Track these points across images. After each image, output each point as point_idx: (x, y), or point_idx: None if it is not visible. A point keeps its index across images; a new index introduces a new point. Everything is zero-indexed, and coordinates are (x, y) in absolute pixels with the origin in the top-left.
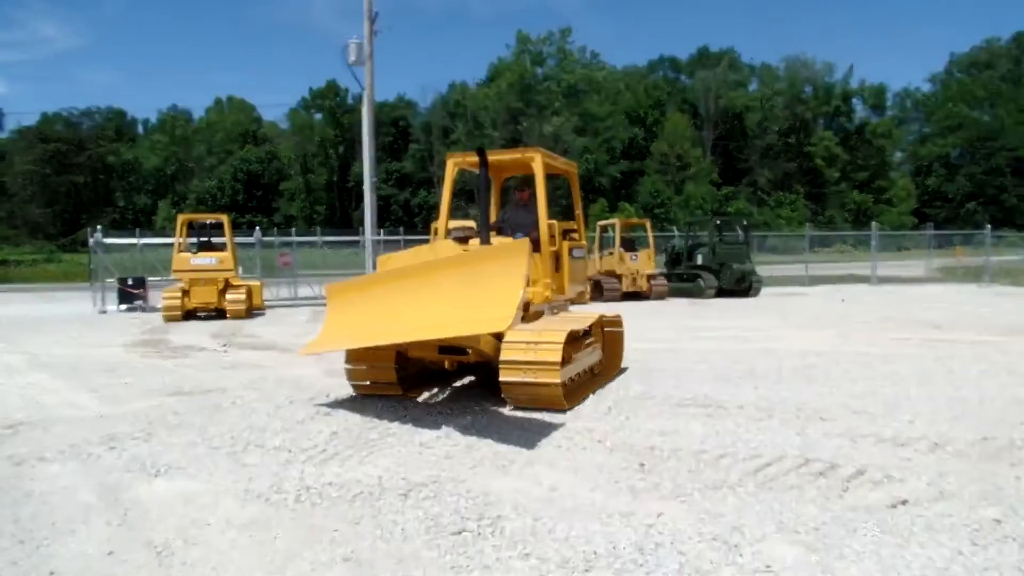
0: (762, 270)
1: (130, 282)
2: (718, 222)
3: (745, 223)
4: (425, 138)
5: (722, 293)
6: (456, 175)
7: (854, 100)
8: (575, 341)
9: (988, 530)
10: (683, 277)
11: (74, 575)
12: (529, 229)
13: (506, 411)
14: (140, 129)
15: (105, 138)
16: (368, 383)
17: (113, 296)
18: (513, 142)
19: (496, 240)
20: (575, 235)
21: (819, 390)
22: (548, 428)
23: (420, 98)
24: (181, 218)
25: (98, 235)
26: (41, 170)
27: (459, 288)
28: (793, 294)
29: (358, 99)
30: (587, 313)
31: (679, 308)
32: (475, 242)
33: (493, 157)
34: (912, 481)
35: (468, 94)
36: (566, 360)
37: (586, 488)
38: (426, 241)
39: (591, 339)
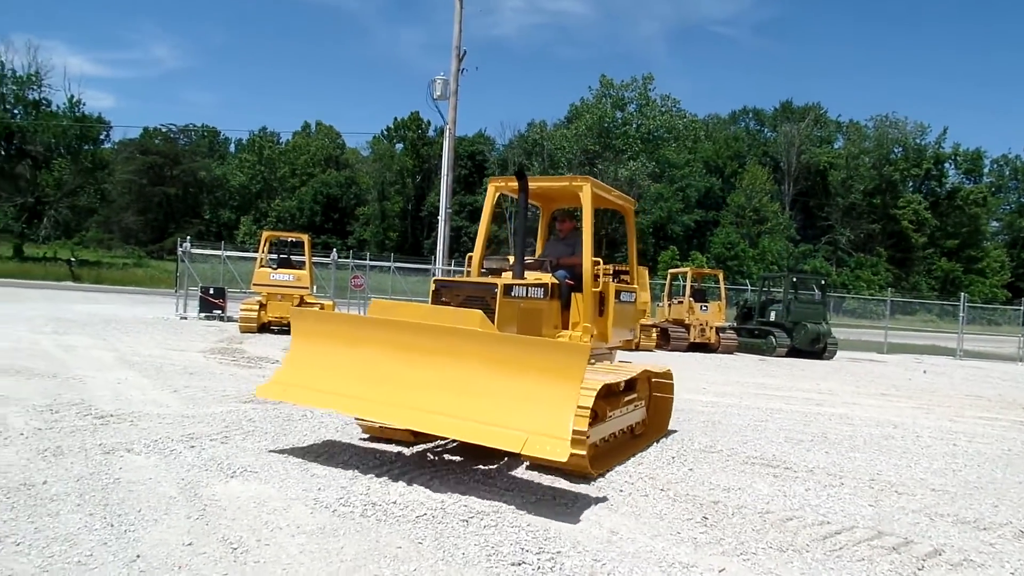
0: (838, 333)
1: (211, 291)
2: (794, 279)
3: (823, 282)
4: (500, 174)
5: (794, 353)
6: (496, 201)
7: (946, 164)
8: (611, 396)
9: None
10: (754, 333)
11: (158, 560)
12: (570, 264)
13: None
14: (232, 148)
15: (198, 154)
16: (379, 427)
17: (194, 303)
18: None
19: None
20: (627, 277)
21: (895, 462)
22: (610, 472)
23: (499, 135)
24: (265, 234)
25: (187, 245)
26: (138, 180)
27: (494, 377)
28: (870, 360)
29: (439, 132)
30: (630, 365)
31: (748, 364)
32: (508, 275)
33: (539, 184)
34: (994, 567)
35: (546, 133)
36: (598, 418)
37: (647, 535)
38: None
39: (633, 395)
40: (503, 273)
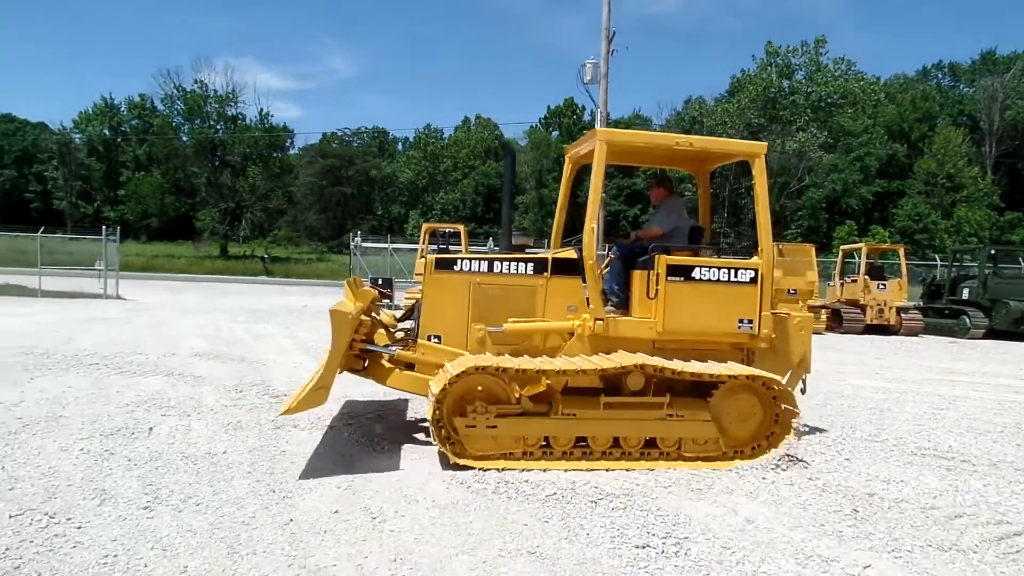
0: None
1: (380, 282)
2: (992, 252)
3: None
4: None
5: (993, 334)
6: (573, 172)
7: None
8: (579, 394)
9: None
10: (943, 313)
11: (307, 524)
12: (646, 236)
13: None
14: (400, 146)
15: (370, 154)
16: None
17: None
18: None
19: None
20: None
21: None
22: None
23: (655, 114)
24: (425, 226)
25: (358, 239)
26: (319, 182)
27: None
28: None
29: (594, 117)
30: (627, 355)
31: (933, 347)
32: (531, 251)
33: (573, 150)
34: None
35: (705, 109)
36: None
37: (786, 525)
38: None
39: (660, 399)
40: (526, 248)
